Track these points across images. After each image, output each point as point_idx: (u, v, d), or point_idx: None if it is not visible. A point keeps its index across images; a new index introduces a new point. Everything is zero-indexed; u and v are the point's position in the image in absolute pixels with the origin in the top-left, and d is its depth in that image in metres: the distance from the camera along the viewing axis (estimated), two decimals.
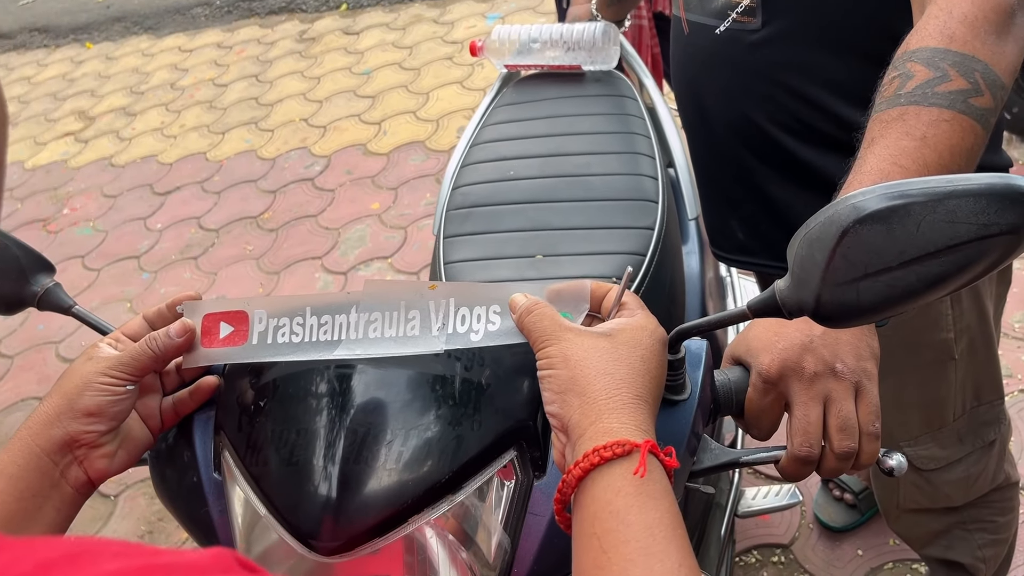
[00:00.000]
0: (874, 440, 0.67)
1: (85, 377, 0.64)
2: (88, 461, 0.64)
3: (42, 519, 0.61)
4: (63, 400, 0.63)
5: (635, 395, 0.55)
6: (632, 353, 0.57)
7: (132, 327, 0.70)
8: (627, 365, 0.56)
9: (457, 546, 0.61)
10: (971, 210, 0.50)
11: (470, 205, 1.28)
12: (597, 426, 0.53)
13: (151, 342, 0.66)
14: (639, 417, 0.54)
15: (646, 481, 0.51)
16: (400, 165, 3.31)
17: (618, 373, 0.56)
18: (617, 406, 0.54)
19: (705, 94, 1.15)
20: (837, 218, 0.52)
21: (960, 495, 1.24)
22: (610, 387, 0.55)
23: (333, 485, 0.60)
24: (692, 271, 1.46)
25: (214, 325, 0.68)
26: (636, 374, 0.56)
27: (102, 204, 3.57)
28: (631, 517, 0.50)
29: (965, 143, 0.72)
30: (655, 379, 0.58)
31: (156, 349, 0.66)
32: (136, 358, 0.65)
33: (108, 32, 5.43)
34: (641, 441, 0.52)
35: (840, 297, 0.53)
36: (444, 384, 0.63)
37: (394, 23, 4.57)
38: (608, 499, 0.51)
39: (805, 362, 0.67)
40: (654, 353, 0.58)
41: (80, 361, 0.66)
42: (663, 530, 0.49)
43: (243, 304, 0.68)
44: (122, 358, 0.65)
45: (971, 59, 0.73)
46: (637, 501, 0.50)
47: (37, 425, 0.62)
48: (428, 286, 0.65)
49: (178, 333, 0.67)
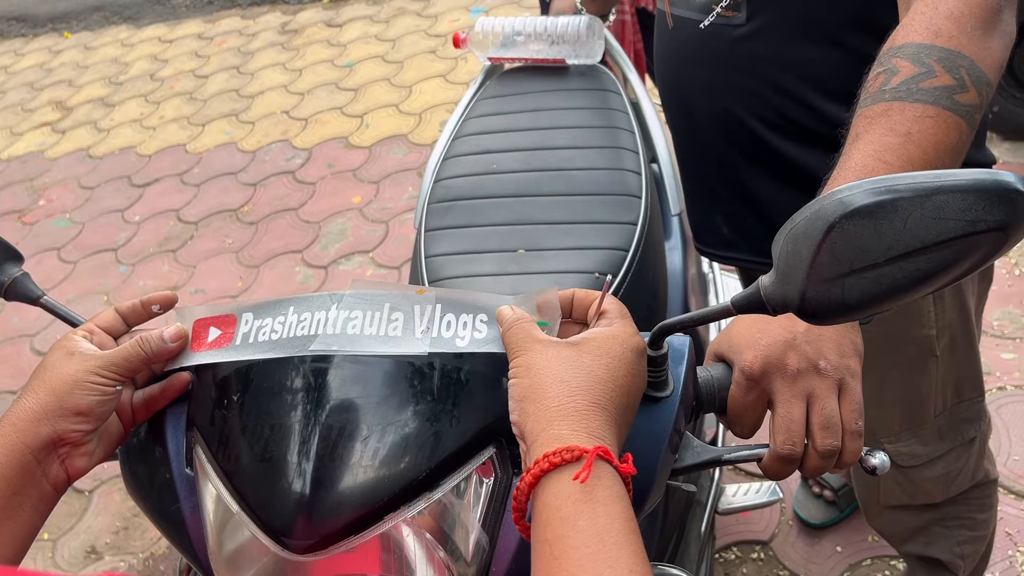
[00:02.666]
0: (857, 438, 0.66)
1: (75, 376, 0.62)
2: (70, 459, 0.63)
3: (19, 517, 0.60)
4: (52, 398, 0.62)
5: (591, 402, 0.55)
6: (596, 361, 0.57)
7: (106, 320, 0.69)
8: (587, 373, 0.56)
9: (434, 544, 0.60)
10: (959, 206, 0.49)
11: (452, 198, 1.27)
12: (548, 432, 0.53)
13: (145, 344, 0.66)
14: (593, 424, 0.54)
15: (595, 487, 0.51)
16: (382, 158, 3.29)
17: (574, 380, 0.55)
18: (569, 412, 0.54)
19: (689, 89, 1.14)
20: (823, 213, 0.51)
21: (940, 492, 1.24)
22: (563, 394, 0.55)
23: (307, 482, 0.58)
24: (675, 267, 1.45)
25: (203, 329, 0.68)
26: (596, 381, 0.56)
27: (79, 196, 3.52)
28: (581, 523, 0.49)
29: (950, 139, 0.71)
30: (620, 387, 0.57)
31: (149, 352, 0.66)
32: (128, 359, 0.65)
33: (87, 22, 5.36)
34: (591, 447, 0.51)
35: (825, 293, 0.53)
36: (422, 379, 0.62)
37: (377, 16, 4.54)
38: (558, 505, 0.51)
39: (788, 359, 0.67)
40: (622, 362, 0.58)
41: (61, 356, 0.64)
42: (613, 535, 0.49)
43: (233, 308, 0.68)
44: (114, 358, 0.64)
45: (957, 55, 0.72)
46: (587, 507, 0.50)
47: (23, 422, 0.61)
48: (416, 290, 0.64)
49: (172, 338, 0.67)
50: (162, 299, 0.71)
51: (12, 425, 0.61)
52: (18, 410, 0.62)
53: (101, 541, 2.07)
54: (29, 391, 0.63)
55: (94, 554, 2.05)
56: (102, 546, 2.06)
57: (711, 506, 1.41)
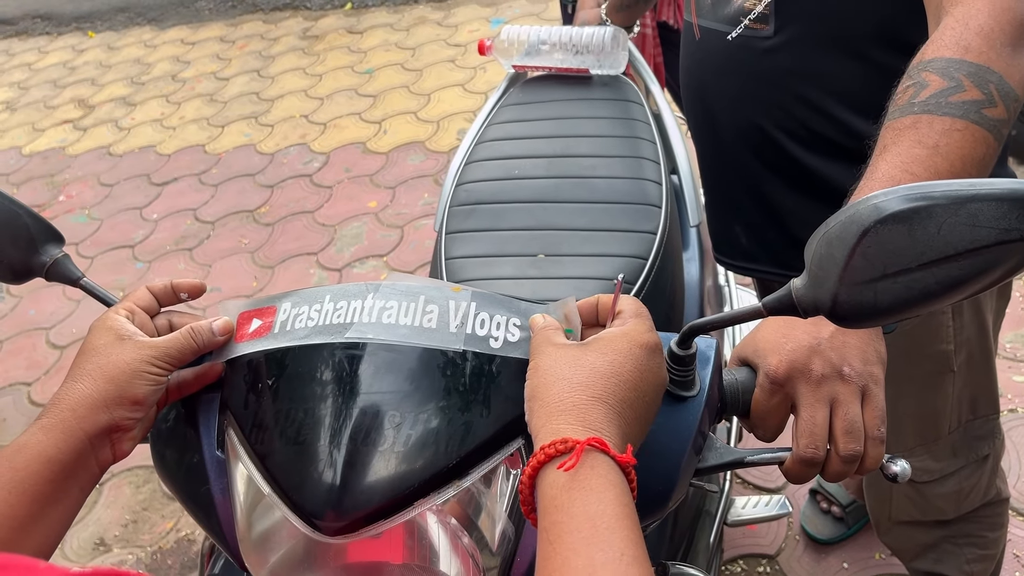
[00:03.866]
0: (879, 444, 0.67)
1: (133, 365, 0.65)
2: (119, 443, 0.65)
3: (68, 499, 0.62)
4: (111, 386, 0.64)
5: (592, 396, 0.56)
6: (600, 358, 0.58)
7: (142, 299, 0.72)
8: (589, 369, 0.58)
9: (460, 532, 0.61)
10: (993, 214, 0.50)
11: (474, 202, 1.28)
12: (547, 427, 0.55)
13: (196, 335, 0.68)
14: (591, 417, 0.55)
15: (589, 476, 0.52)
16: (399, 164, 3.31)
17: (575, 377, 0.57)
18: (568, 407, 0.56)
19: (714, 99, 1.15)
20: (858, 217, 0.52)
21: (952, 508, 1.24)
22: (564, 391, 0.57)
23: (340, 465, 0.59)
24: (692, 278, 1.46)
25: (246, 321, 0.70)
26: (598, 377, 0.57)
27: (98, 192, 3.56)
28: (575, 509, 0.51)
29: (977, 153, 0.72)
30: (625, 382, 0.58)
31: (200, 344, 0.69)
32: (181, 351, 0.67)
33: (111, 22, 5.42)
34: (584, 439, 0.53)
35: (857, 297, 0.53)
36: (454, 370, 0.63)
37: (398, 24, 4.58)
38: (553, 494, 0.52)
39: (813, 364, 0.67)
40: (628, 357, 0.59)
41: (112, 341, 0.66)
42: (606, 520, 0.50)
43: (275, 300, 0.70)
44: (168, 349, 0.67)
45: (986, 70, 0.74)
46: (580, 495, 0.52)
47: (83, 408, 0.63)
48: (452, 287, 0.66)
49: (221, 331, 0.70)
50: (190, 288, 0.74)
51: (72, 411, 0.62)
52: (76, 396, 0.63)
53: (110, 533, 2.09)
54: (85, 376, 0.64)
55: (103, 546, 2.06)
56: (111, 538, 2.07)
57: (720, 517, 1.41)
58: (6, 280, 0.75)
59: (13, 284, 0.76)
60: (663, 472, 0.65)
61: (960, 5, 0.78)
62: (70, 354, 2.68)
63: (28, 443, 0.61)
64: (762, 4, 1.03)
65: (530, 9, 4.38)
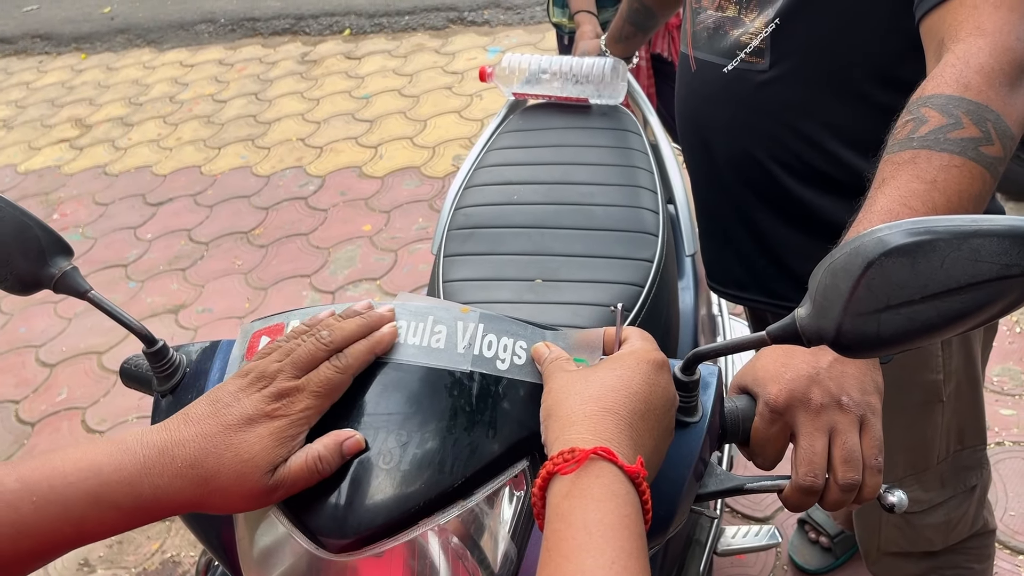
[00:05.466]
0: (877, 474, 0.68)
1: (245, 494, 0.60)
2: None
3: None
4: (202, 494, 0.60)
5: (602, 408, 0.57)
6: (609, 373, 0.60)
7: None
8: (599, 383, 0.59)
9: (463, 552, 0.61)
10: (995, 250, 0.51)
11: (472, 226, 1.29)
12: (560, 440, 0.56)
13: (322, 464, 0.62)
14: (600, 427, 0.56)
15: (592, 484, 0.53)
16: (394, 189, 3.34)
17: (587, 391, 0.59)
18: (579, 419, 0.57)
19: (710, 130, 1.17)
20: (863, 250, 0.53)
21: (940, 539, 1.25)
22: (576, 404, 0.58)
23: (346, 482, 0.60)
24: (687, 306, 1.48)
25: (256, 340, 0.70)
26: (608, 389, 0.58)
27: (93, 211, 3.56)
28: (573, 517, 0.52)
29: (973, 189, 0.74)
30: (635, 394, 0.59)
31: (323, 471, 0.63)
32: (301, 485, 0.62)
33: (110, 43, 5.45)
34: (590, 447, 0.54)
35: (861, 327, 0.54)
36: (461, 390, 0.64)
37: (396, 51, 4.63)
38: (556, 503, 0.53)
39: (812, 393, 0.68)
40: (636, 371, 0.60)
41: (254, 458, 0.60)
42: (601, 528, 0.51)
43: (283, 318, 0.70)
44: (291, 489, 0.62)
45: (984, 108, 0.75)
46: (580, 503, 0.52)
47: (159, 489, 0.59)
48: (460, 308, 0.66)
49: (350, 450, 0.63)
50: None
51: (148, 477, 0.58)
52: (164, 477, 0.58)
53: (95, 554, 2.07)
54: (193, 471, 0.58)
55: (87, 567, 2.04)
56: (95, 559, 2.05)
57: (710, 546, 1.41)
58: (15, 291, 0.75)
59: (21, 295, 0.76)
60: (665, 496, 0.66)
61: (961, 43, 0.80)
62: (59, 372, 2.67)
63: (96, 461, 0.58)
64: (758, 39, 1.05)
65: (527, 39, 4.44)
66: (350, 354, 0.63)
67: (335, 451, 0.60)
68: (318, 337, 0.63)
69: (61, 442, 2.41)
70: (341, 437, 0.60)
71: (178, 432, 0.59)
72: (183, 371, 0.74)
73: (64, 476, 0.56)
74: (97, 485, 0.56)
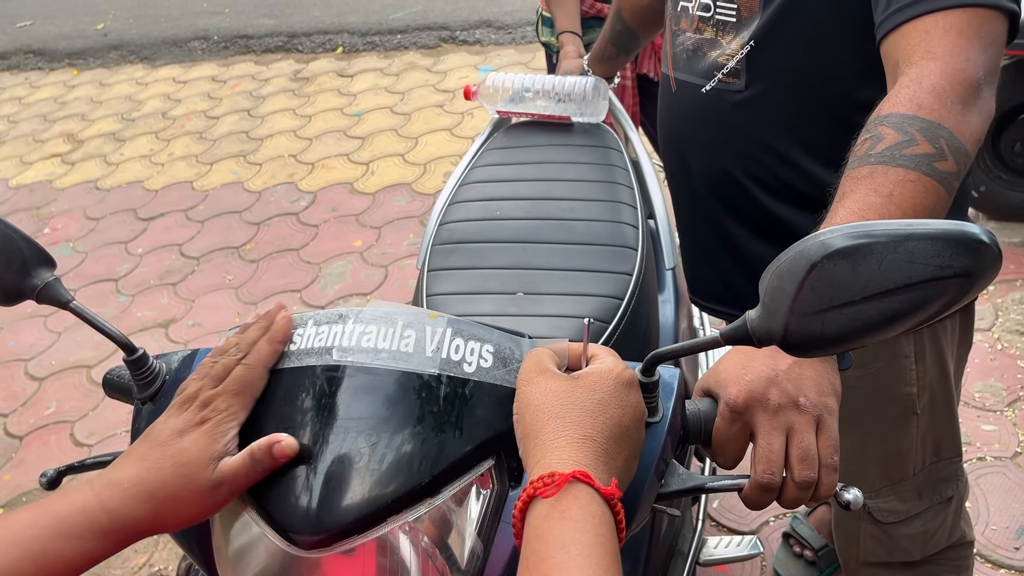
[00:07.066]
0: (832, 472, 0.70)
1: (199, 503, 0.65)
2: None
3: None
4: (167, 508, 0.65)
5: (582, 435, 0.60)
6: (589, 397, 0.62)
7: None
8: (580, 408, 0.61)
9: (431, 550, 0.63)
10: (929, 252, 0.54)
11: (456, 241, 1.32)
12: (540, 465, 0.58)
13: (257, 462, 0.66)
14: (579, 454, 0.58)
15: (570, 506, 0.55)
16: (385, 205, 3.36)
17: (569, 416, 0.60)
18: (561, 445, 0.59)
19: (688, 148, 1.20)
20: (807, 253, 0.56)
21: (918, 549, 1.27)
22: (558, 429, 0.60)
23: (317, 481, 0.62)
24: (667, 319, 1.50)
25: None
26: (588, 416, 0.61)
27: (84, 225, 3.58)
28: (551, 537, 0.54)
29: (928, 202, 0.77)
30: (611, 419, 0.61)
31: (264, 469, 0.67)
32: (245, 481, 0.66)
33: (103, 59, 5.48)
34: (569, 471, 0.56)
35: (807, 327, 0.57)
36: (429, 392, 0.65)
37: (388, 69, 4.67)
38: (536, 524, 0.55)
39: (770, 394, 0.71)
40: (613, 396, 0.62)
41: (197, 468, 0.65)
42: (579, 547, 0.53)
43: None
44: (235, 487, 0.66)
45: (937, 126, 0.79)
46: (558, 524, 0.54)
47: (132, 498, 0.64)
48: (429, 314, 0.69)
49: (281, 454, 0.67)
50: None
51: (123, 491, 0.63)
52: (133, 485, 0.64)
53: None
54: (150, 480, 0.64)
55: None
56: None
57: (692, 557, 1.43)
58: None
59: (4, 305, 0.77)
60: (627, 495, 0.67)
61: (915, 66, 0.84)
62: (48, 385, 2.67)
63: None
64: (734, 60, 1.08)
65: (518, 58, 4.49)
66: (254, 351, 0.68)
67: (266, 452, 0.64)
68: (229, 353, 0.69)
69: (50, 455, 2.41)
70: (273, 440, 0.64)
71: (121, 462, 0.64)
72: (163, 378, 0.76)
73: (19, 519, 0.61)
74: (53, 520, 0.61)
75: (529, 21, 4.79)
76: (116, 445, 2.39)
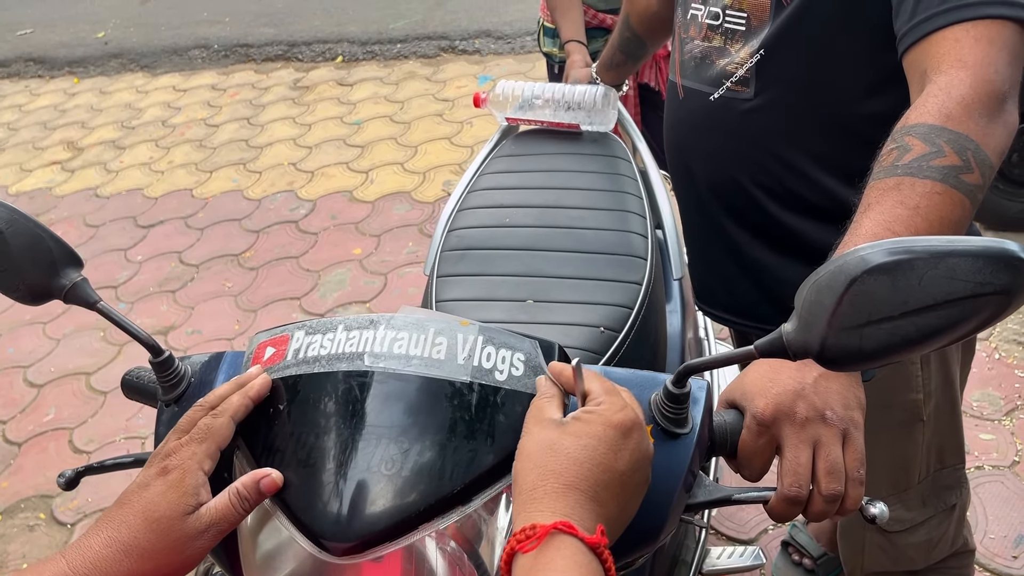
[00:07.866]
0: (859, 486, 0.70)
1: (186, 545, 0.65)
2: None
3: None
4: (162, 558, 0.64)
5: (564, 484, 0.58)
6: (575, 443, 0.60)
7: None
8: (564, 456, 0.59)
9: (460, 557, 0.63)
10: (969, 268, 0.55)
11: (465, 247, 1.32)
12: (521, 517, 0.57)
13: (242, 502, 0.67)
14: (560, 503, 0.57)
15: (552, 557, 0.54)
16: (385, 213, 3.37)
17: (549, 464, 0.59)
18: (540, 496, 0.58)
19: (695, 156, 1.21)
20: (847, 268, 0.57)
21: (922, 558, 1.28)
22: (537, 480, 0.58)
23: (349, 487, 0.62)
24: (674, 329, 1.50)
25: (261, 351, 0.72)
26: (572, 463, 0.59)
27: (83, 233, 3.57)
28: None
29: (954, 215, 0.78)
30: (600, 465, 0.59)
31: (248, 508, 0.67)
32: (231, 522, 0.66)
33: (104, 67, 5.48)
34: (550, 523, 0.55)
35: (844, 341, 0.57)
36: (461, 399, 0.66)
37: (388, 78, 4.68)
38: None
39: (797, 407, 0.71)
40: (602, 440, 0.60)
41: (177, 515, 0.65)
42: None
43: (288, 329, 0.72)
44: (222, 527, 0.66)
45: (964, 138, 0.79)
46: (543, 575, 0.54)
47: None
48: (460, 321, 0.69)
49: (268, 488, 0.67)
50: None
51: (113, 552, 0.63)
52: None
53: None
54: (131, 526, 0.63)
55: None
56: None
57: (695, 567, 1.43)
58: (25, 301, 0.76)
59: (32, 305, 0.77)
60: (656, 506, 0.67)
61: (943, 74, 0.84)
62: (47, 392, 2.67)
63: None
64: (743, 68, 1.09)
65: (517, 68, 4.51)
66: (224, 403, 0.68)
67: (253, 489, 0.64)
68: (197, 407, 0.69)
69: (48, 462, 2.40)
70: (259, 476, 0.65)
71: (91, 529, 0.64)
72: (188, 381, 0.76)
73: None
74: None
75: (528, 31, 4.81)
76: (115, 452, 2.39)
